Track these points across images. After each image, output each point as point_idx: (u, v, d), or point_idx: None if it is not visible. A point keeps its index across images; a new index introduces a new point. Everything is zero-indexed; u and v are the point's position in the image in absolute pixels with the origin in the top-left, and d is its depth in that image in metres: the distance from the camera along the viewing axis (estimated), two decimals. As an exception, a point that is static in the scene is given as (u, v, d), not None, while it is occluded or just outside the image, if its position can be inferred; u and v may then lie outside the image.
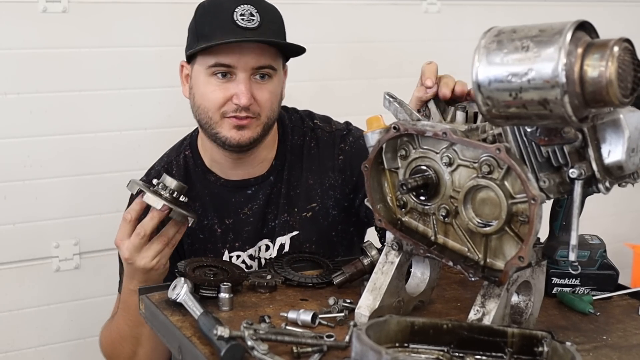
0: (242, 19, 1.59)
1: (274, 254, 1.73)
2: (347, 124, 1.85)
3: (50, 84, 2.30)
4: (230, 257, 1.72)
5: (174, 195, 1.49)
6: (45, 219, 2.34)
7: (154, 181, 1.52)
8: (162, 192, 1.49)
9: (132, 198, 1.62)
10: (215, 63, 1.61)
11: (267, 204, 1.74)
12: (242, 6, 1.61)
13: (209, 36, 1.61)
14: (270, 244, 1.74)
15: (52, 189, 2.34)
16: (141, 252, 1.49)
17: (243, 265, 1.72)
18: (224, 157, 1.72)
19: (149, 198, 1.46)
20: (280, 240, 1.73)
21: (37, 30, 2.26)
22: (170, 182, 1.49)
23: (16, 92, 2.26)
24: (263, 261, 1.73)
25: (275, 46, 1.64)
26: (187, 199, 1.52)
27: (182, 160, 1.76)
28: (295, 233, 1.74)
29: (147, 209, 1.50)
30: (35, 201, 2.32)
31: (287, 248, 1.73)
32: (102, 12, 2.34)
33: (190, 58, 1.68)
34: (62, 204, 2.35)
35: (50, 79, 2.30)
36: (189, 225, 1.52)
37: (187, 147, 1.78)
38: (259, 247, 1.74)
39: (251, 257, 1.73)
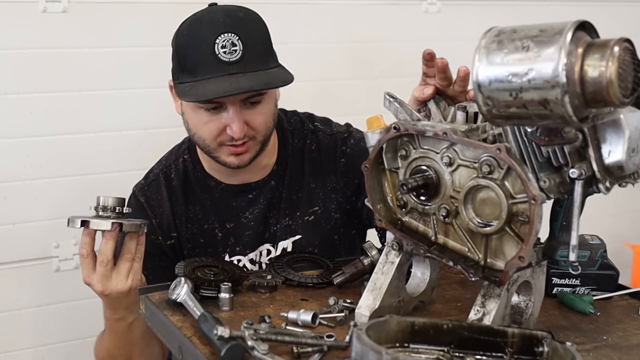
0: (224, 52, 1.53)
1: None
2: (348, 125, 1.84)
3: (50, 84, 2.30)
4: (231, 262, 1.72)
5: (116, 210, 1.47)
6: (45, 219, 2.34)
7: (90, 207, 1.49)
8: (103, 214, 1.47)
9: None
10: (207, 100, 1.55)
11: (268, 208, 1.73)
12: (222, 36, 1.53)
13: (192, 72, 1.56)
14: (271, 248, 1.73)
15: (52, 189, 2.34)
16: (112, 279, 1.48)
17: None
18: (222, 167, 1.70)
19: (96, 224, 1.44)
20: (282, 244, 1.73)
21: (37, 30, 2.26)
22: (106, 200, 1.47)
23: (16, 92, 2.26)
24: (264, 266, 1.73)
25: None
26: (129, 209, 1.50)
27: (181, 164, 1.75)
28: (297, 237, 1.73)
29: (99, 238, 1.48)
30: (35, 201, 2.32)
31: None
32: (102, 12, 2.34)
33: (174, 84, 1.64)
34: (62, 204, 2.35)
35: (50, 79, 2.29)
36: (144, 230, 1.50)
37: (186, 151, 1.77)
38: (260, 252, 1.73)
39: (252, 261, 1.73)
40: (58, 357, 2.43)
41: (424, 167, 1.23)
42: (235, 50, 1.54)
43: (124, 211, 1.48)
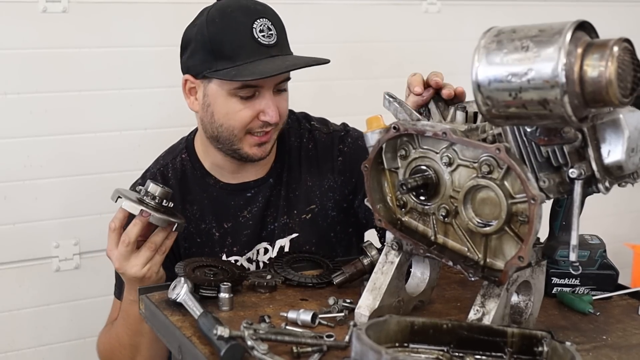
0: (263, 36, 1.56)
1: (274, 255, 1.73)
2: (345, 125, 1.85)
3: (50, 84, 2.29)
4: (230, 262, 1.71)
5: (157, 201, 1.49)
6: (45, 219, 2.34)
7: (138, 189, 1.51)
8: (145, 199, 1.49)
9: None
10: (243, 85, 1.57)
11: (266, 206, 1.73)
12: (258, 20, 1.57)
13: (232, 57, 1.56)
14: (269, 247, 1.73)
15: (52, 189, 2.33)
16: (130, 261, 1.49)
17: None
18: (228, 163, 1.71)
19: (127, 205, 1.46)
20: (280, 242, 1.73)
21: (37, 30, 2.25)
22: (154, 188, 1.49)
23: (16, 92, 2.26)
24: (261, 264, 1.73)
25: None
26: (172, 204, 1.51)
27: (178, 163, 1.75)
28: (294, 235, 1.73)
29: (132, 216, 1.50)
30: (35, 201, 2.32)
31: (286, 250, 1.73)
32: (102, 12, 2.34)
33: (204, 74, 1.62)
34: (62, 204, 2.35)
35: (50, 79, 2.29)
36: (175, 229, 1.51)
37: (184, 150, 1.76)
38: (257, 250, 1.73)
39: (249, 260, 1.73)
40: (58, 357, 2.43)
41: (424, 167, 1.23)
42: (272, 35, 1.59)
43: (164, 204, 1.50)
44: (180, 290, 1.32)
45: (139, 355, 1.63)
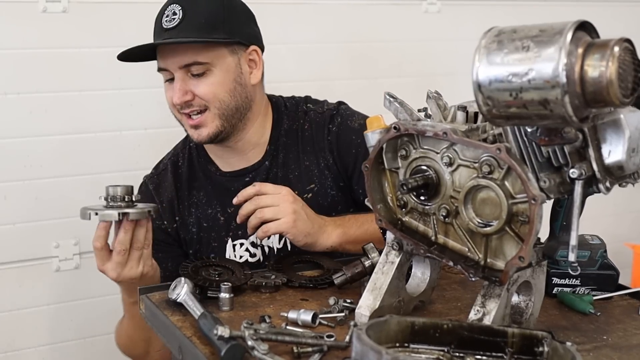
0: (166, 20, 1.66)
1: (276, 239, 1.75)
2: (339, 103, 1.89)
3: (50, 84, 2.30)
4: (234, 245, 1.76)
5: (125, 199, 1.49)
6: (45, 219, 2.34)
7: (100, 197, 1.51)
8: (113, 204, 1.48)
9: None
10: (158, 67, 1.71)
11: None
12: (170, 6, 1.67)
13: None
14: None
15: (52, 189, 2.34)
16: (126, 266, 1.50)
17: (247, 253, 1.76)
18: (220, 151, 1.78)
19: (104, 215, 1.46)
20: None
21: (37, 30, 2.26)
22: (114, 190, 1.49)
23: (16, 92, 2.26)
24: (267, 249, 1.75)
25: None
26: (138, 196, 1.52)
27: (187, 152, 1.84)
28: None
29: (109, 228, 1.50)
30: (35, 201, 2.32)
31: None
32: (102, 12, 2.34)
33: None
34: (62, 204, 2.35)
35: (50, 79, 2.30)
36: (152, 215, 1.51)
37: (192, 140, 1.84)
38: None
39: (253, 244, 1.76)
40: (58, 356, 2.43)
41: (424, 167, 1.23)
42: (174, 19, 1.65)
43: (133, 199, 1.50)
44: (181, 291, 1.32)
45: (151, 347, 1.70)
